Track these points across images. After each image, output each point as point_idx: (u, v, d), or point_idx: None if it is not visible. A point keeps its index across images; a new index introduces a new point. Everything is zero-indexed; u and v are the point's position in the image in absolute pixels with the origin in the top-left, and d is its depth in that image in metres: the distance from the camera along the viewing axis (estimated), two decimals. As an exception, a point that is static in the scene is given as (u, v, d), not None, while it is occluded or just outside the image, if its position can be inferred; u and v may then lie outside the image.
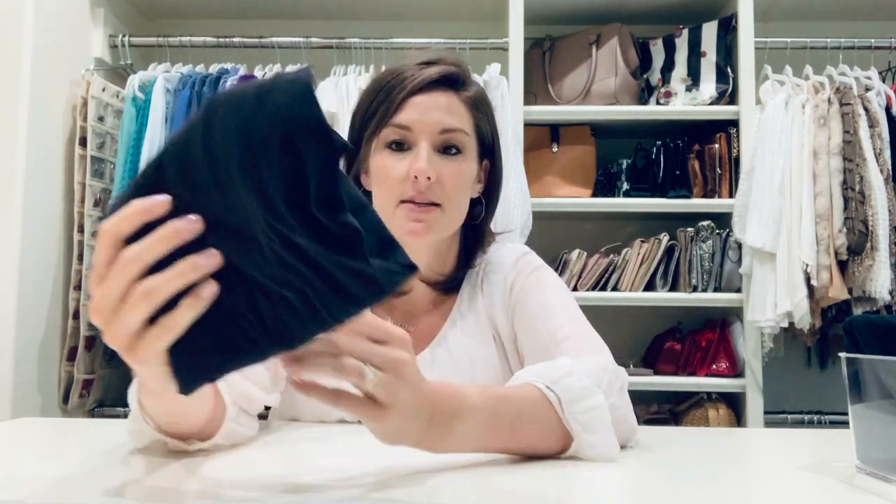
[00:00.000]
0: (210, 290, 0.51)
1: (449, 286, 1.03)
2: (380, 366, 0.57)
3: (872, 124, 2.08)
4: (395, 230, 0.88)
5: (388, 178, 0.94)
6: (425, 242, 0.97)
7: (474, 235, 1.04)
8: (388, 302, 1.01)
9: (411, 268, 0.53)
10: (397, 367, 0.58)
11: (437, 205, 0.94)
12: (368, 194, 0.99)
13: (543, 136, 2.37)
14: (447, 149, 0.95)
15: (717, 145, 2.27)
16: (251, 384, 0.84)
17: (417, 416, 0.61)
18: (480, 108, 1.00)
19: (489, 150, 1.03)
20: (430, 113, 0.94)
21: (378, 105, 0.95)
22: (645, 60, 2.40)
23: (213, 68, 2.23)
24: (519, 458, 0.74)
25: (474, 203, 1.02)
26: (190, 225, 0.50)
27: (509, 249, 1.07)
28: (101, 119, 2.15)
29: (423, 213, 0.93)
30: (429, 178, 0.92)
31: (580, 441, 0.74)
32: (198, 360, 0.53)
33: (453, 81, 0.97)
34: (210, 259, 0.50)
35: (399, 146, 0.95)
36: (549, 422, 0.73)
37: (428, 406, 0.63)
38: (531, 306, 0.97)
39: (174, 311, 0.51)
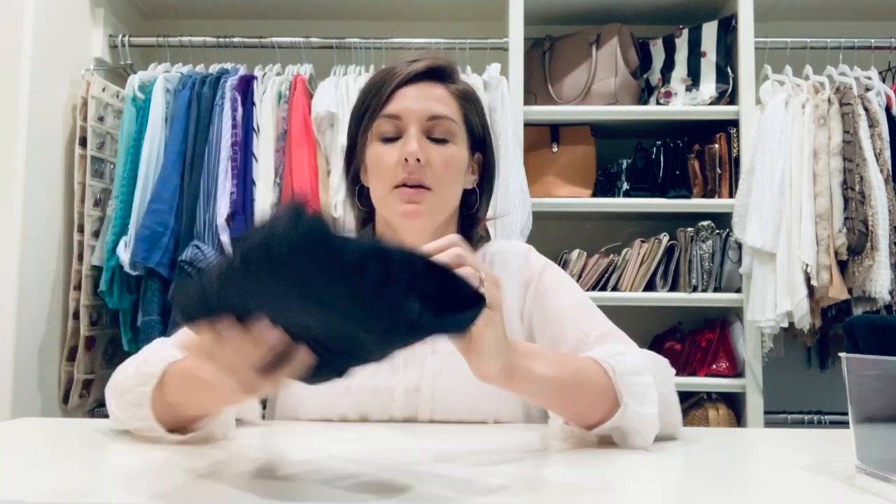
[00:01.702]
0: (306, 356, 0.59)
1: None
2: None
3: (872, 124, 2.07)
4: (391, 214, 1.00)
5: (381, 165, 0.99)
6: (419, 224, 1.01)
7: (470, 225, 1.09)
8: None
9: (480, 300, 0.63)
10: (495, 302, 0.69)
11: (428, 188, 0.98)
12: (366, 191, 1.05)
13: (543, 136, 2.37)
14: (436, 135, 0.99)
15: (717, 145, 2.27)
16: None
17: (503, 351, 0.72)
18: (469, 101, 1.04)
19: (481, 142, 1.07)
20: (418, 101, 0.99)
21: (370, 100, 1.01)
22: (645, 60, 2.40)
23: (213, 68, 2.23)
24: (513, 457, 0.74)
25: (469, 193, 1.07)
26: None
27: (514, 245, 1.12)
28: (101, 119, 2.15)
29: (416, 194, 0.98)
30: (418, 160, 0.96)
31: (627, 409, 0.78)
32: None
33: (440, 73, 1.01)
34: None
35: (391, 139, 0.99)
36: (602, 386, 0.80)
37: (510, 345, 0.74)
38: (559, 306, 1.01)
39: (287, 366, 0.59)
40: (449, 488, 0.64)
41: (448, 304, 0.60)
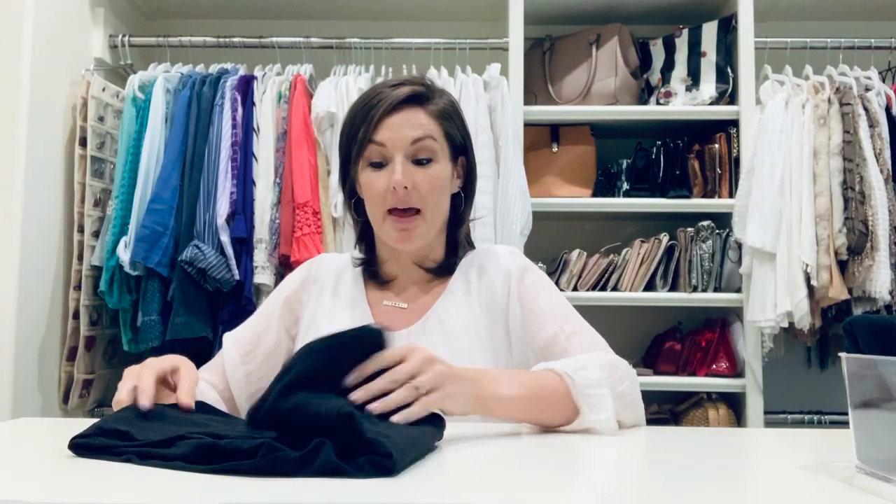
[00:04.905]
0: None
1: (440, 270, 1.17)
2: (416, 373, 0.78)
3: (872, 124, 2.07)
4: (385, 237, 1.12)
5: (372, 191, 1.09)
6: (413, 247, 1.11)
7: (457, 225, 1.18)
8: (388, 282, 1.18)
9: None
10: (427, 365, 0.80)
11: (417, 210, 1.08)
12: (362, 202, 1.14)
13: (543, 136, 2.37)
14: (420, 157, 1.08)
15: (717, 145, 2.27)
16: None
17: (466, 388, 0.84)
18: (448, 117, 1.13)
19: (462, 149, 1.16)
20: (401, 129, 1.08)
21: (359, 125, 1.09)
22: (645, 60, 2.40)
23: (213, 68, 2.23)
24: (506, 458, 0.74)
25: (454, 196, 1.16)
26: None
27: (499, 246, 1.25)
28: (101, 119, 2.15)
29: (407, 222, 1.08)
30: (406, 187, 1.06)
31: (584, 416, 0.91)
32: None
33: (420, 98, 1.10)
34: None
35: (379, 164, 1.09)
36: (563, 395, 0.91)
37: (471, 378, 0.86)
38: (539, 303, 1.12)
39: None
40: (444, 483, 0.64)
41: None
